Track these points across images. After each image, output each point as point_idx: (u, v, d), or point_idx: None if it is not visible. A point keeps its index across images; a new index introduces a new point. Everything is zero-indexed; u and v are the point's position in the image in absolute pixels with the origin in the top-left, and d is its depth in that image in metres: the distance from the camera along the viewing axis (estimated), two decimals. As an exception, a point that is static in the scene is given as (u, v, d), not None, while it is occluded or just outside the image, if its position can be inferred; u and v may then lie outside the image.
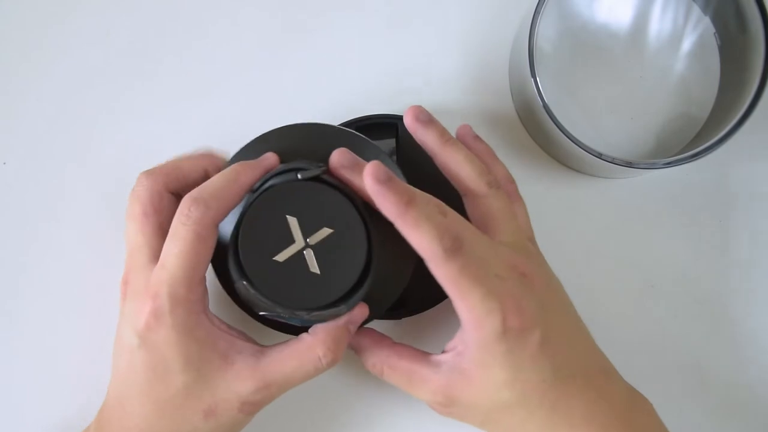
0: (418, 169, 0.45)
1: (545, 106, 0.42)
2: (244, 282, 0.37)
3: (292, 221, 0.37)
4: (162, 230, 0.38)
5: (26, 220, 0.48)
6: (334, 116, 0.47)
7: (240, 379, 0.37)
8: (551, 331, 0.37)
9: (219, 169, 0.39)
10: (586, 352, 0.39)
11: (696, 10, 0.47)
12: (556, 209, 0.47)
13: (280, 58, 0.48)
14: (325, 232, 0.37)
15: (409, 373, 0.39)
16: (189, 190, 0.37)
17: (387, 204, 0.35)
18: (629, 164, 0.42)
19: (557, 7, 0.47)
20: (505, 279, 0.36)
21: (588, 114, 0.47)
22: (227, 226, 0.38)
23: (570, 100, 0.47)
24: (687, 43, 0.47)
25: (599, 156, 0.42)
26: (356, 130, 0.45)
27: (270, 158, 0.39)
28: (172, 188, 0.40)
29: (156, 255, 0.38)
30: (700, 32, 0.47)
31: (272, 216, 0.37)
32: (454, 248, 0.35)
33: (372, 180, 0.34)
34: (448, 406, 0.38)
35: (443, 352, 0.39)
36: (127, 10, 0.48)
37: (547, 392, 0.37)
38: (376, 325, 0.45)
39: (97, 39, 0.48)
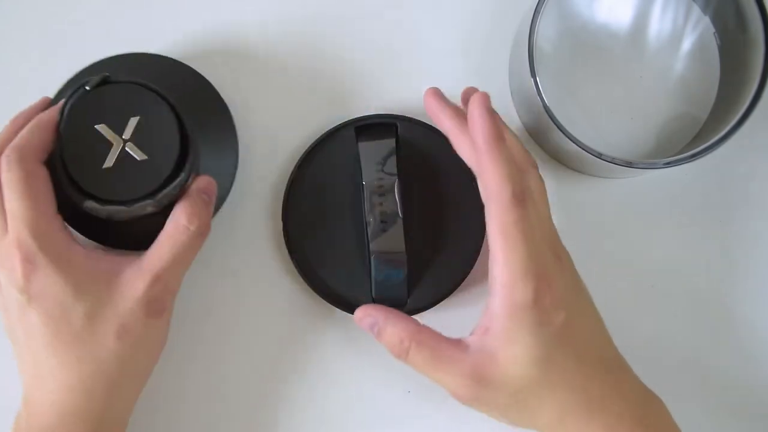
0: (417, 170, 0.45)
1: (545, 106, 0.42)
2: (90, 201, 0.38)
3: (102, 128, 0.39)
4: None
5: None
6: (334, 116, 0.47)
7: (132, 284, 0.38)
8: (575, 313, 0.37)
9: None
10: (603, 344, 0.40)
11: (696, 10, 0.47)
12: (556, 209, 0.47)
13: (280, 58, 0.48)
14: (133, 121, 0.39)
15: (437, 351, 0.38)
16: None
17: (483, 129, 0.36)
18: (629, 164, 0.42)
19: (557, 7, 0.47)
20: (543, 252, 0.37)
21: (588, 114, 0.47)
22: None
23: (570, 100, 0.47)
24: (687, 43, 0.47)
25: (599, 156, 0.42)
26: (356, 130, 0.46)
27: (42, 100, 0.42)
28: None
29: (3, 229, 0.38)
30: (700, 32, 0.47)
31: (83, 134, 0.38)
32: (521, 198, 0.35)
33: (480, 105, 0.36)
34: (474, 388, 0.37)
35: (470, 335, 0.38)
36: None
37: (570, 373, 0.37)
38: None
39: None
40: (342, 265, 0.45)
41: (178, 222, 0.39)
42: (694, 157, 0.42)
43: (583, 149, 0.42)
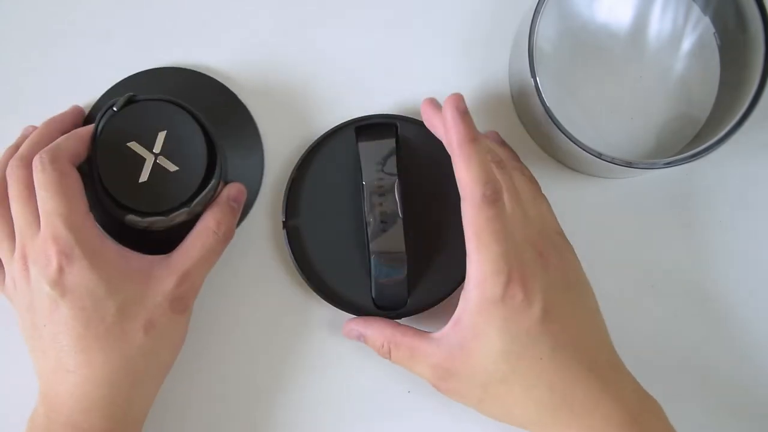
0: (417, 170, 0.45)
1: (545, 106, 0.42)
2: (131, 215, 0.41)
3: (133, 145, 0.41)
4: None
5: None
6: (334, 116, 0.47)
7: (161, 281, 0.40)
8: (555, 310, 0.37)
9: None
10: (596, 344, 0.39)
11: (696, 10, 0.47)
12: (556, 209, 0.47)
13: (280, 58, 0.48)
14: (161, 135, 0.41)
15: (411, 349, 0.40)
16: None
17: (455, 130, 0.37)
18: (629, 164, 0.42)
19: (557, 7, 0.47)
20: (522, 251, 0.38)
21: (588, 114, 0.47)
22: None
23: (570, 100, 0.47)
24: (687, 43, 0.47)
25: (599, 156, 0.42)
26: (356, 131, 0.46)
27: (74, 109, 0.44)
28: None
29: (37, 226, 0.40)
30: (700, 32, 0.47)
31: (116, 153, 0.41)
32: (492, 199, 0.36)
33: (451, 107, 0.37)
34: (447, 380, 0.39)
35: (443, 329, 0.40)
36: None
37: (545, 371, 0.37)
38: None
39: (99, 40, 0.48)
40: (342, 265, 0.45)
41: (207, 226, 0.42)
42: (694, 157, 0.42)
43: (583, 149, 0.42)
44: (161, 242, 0.43)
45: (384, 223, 0.42)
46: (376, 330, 0.42)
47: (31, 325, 0.40)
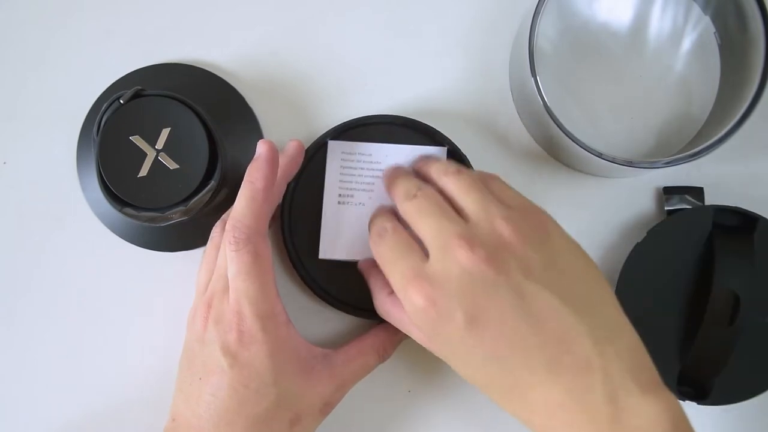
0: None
1: (545, 106, 0.42)
2: (128, 208, 0.41)
3: (136, 139, 0.41)
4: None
5: (27, 220, 0.48)
6: (334, 115, 0.47)
7: (321, 383, 0.40)
8: (483, 313, 0.34)
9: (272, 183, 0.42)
10: (558, 339, 0.34)
11: (696, 10, 0.47)
12: (556, 209, 0.47)
13: (281, 58, 0.48)
14: (165, 132, 0.41)
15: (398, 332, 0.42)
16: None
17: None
18: (629, 163, 0.42)
19: (557, 6, 0.47)
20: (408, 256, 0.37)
21: (588, 113, 0.47)
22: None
23: (570, 99, 0.47)
24: (687, 43, 0.47)
25: (599, 155, 0.42)
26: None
27: (268, 149, 0.40)
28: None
29: (226, 290, 0.40)
30: (700, 32, 0.47)
31: (119, 145, 0.41)
32: (378, 233, 0.39)
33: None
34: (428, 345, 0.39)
35: None
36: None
37: (495, 378, 0.35)
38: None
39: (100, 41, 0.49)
40: (340, 266, 0.45)
41: (376, 347, 0.43)
42: (694, 156, 0.42)
43: (583, 148, 0.42)
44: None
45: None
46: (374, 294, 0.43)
47: (188, 365, 0.40)
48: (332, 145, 0.45)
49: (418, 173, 0.43)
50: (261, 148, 0.40)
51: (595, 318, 0.34)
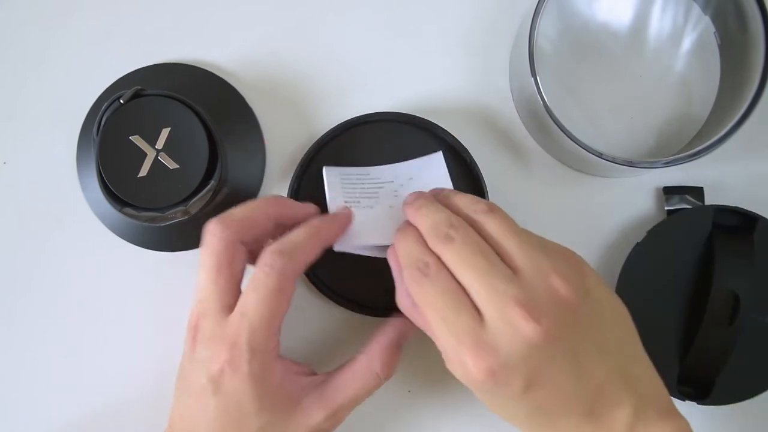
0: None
1: (545, 106, 0.42)
2: (128, 208, 0.41)
3: (136, 139, 0.41)
4: (234, 281, 0.39)
5: (27, 220, 0.48)
6: (334, 115, 0.47)
7: (309, 413, 0.39)
8: (541, 378, 0.34)
9: (286, 216, 0.40)
10: (597, 389, 0.35)
11: (696, 10, 0.47)
12: (556, 209, 0.48)
13: (281, 58, 0.48)
14: (165, 132, 0.41)
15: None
16: (259, 241, 0.39)
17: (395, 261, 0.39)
18: (629, 163, 0.42)
19: (557, 6, 0.47)
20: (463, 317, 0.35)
21: (588, 113, 0.47)
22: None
23: (570, 99, 0.47)
24: (687, 43, 0.47)
25: (599, 155, 0.42)
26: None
27: (345, 214, 0.42)
28: (245, 239, 0.39)
29: (226, 305, 0.38)
30: (700, 32, 0.47)
31: (118, 145, 0.41)
32: (420, 271, 0.36)
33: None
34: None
35: None
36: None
37: (536, 425, 0.36)
38: (378, 325, 0.45)
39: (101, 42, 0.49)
40: (342, 263, 0.45)
41: (372, 368, 0.40)
42: (694, 156, 0.42)
43: (583, 148, 0.42)
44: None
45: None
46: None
47: (181, 377, 0.40)
48: (328, 171, 0.44)
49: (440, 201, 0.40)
50: (343, 212, 0.42)
51: (625, 358, 0.36)
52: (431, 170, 0.44)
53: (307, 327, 0.47)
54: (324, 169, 0.44)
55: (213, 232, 0.38)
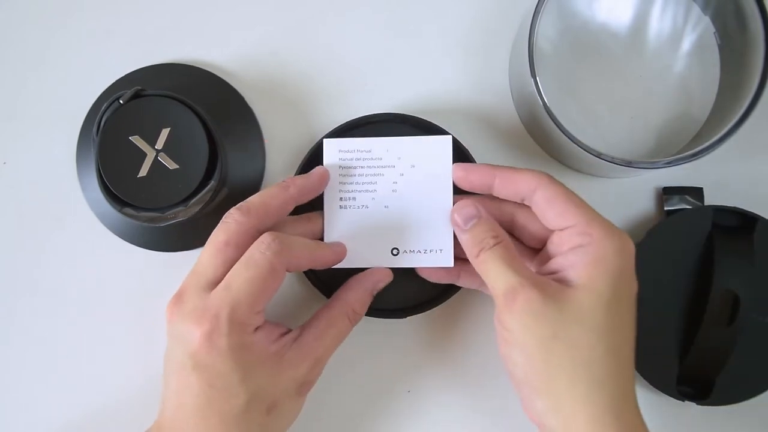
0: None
1: (545, 106, 0.42)
2: (128, 208, 0.42)
3: (136, 139, 0.42)
4: (234, 263, 0.39)
5: (27, 220, 0.48)
6: (334, 115, 0.47)
7: (294, 366, 0.39)
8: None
9: (304, 196, 0.42)
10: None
11: (696, 10, 0.47)
12: (556, 209, 0.47)
13: (281, 58, 0.48)
14: (165, 132, 0.42)
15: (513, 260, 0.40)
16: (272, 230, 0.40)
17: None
18: (629, 164, 0.42)
19: (557, 6, 0.47)
20: None
21: (588, 114, 0.47)
22: None
23: (570, 99, 0.47)
24: (687, 43, 0.47)
25: (599, 155, 0.42)
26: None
27: (340, 250, 0.43)
28: (261, 228, 0.40)
29: (215, 284, 0.38)
30: (700, 32, 0.47)
31: (118, 145, 0.42)
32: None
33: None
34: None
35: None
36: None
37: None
38: (378, 325, 0.45)
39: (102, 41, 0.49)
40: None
41: (344, 312, 0.42)
42: (694, 157, 0.42)
43: (583, 149, 0.42)
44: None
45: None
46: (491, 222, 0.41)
47: (166, 357, 0.40)
48: (328, 143, 0.44)
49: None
50: (338, 248, 0.43)
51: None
52: (435, 157, 0.44)
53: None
54: (324, 142, 0.44)
55: (233, 216, 0.39)
